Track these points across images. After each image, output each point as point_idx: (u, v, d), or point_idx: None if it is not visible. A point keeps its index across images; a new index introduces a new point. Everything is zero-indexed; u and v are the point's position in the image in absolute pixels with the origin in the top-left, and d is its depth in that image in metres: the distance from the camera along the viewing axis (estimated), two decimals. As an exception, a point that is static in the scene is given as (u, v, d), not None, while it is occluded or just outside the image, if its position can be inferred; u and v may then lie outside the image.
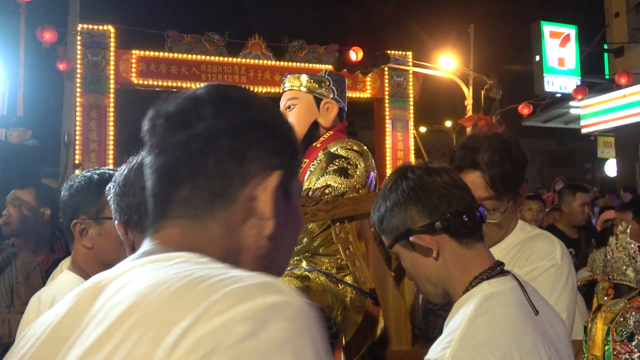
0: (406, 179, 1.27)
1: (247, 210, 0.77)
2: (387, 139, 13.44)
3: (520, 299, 1.21)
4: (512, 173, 1.70)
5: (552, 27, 13.71)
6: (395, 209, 1.26)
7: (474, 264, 1.24)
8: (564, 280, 1.65)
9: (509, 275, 1.25)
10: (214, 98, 0.78)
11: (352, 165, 2.13)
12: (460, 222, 1.23)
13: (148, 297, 0.60)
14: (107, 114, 11.71)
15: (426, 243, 1.23)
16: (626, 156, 13.61)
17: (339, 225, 1.73)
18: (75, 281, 1.59)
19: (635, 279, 2.32)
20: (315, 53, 13.12)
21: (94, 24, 11.68)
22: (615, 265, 2.39)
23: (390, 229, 1.28)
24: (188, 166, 0.76)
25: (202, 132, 0.75)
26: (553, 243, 1.73)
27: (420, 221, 1.23)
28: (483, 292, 1.20)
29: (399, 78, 13.61)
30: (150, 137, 0.80)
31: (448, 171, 1.30)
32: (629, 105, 12.46)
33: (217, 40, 12.55)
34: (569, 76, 13.55)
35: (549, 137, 25.97)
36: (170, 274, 0.63)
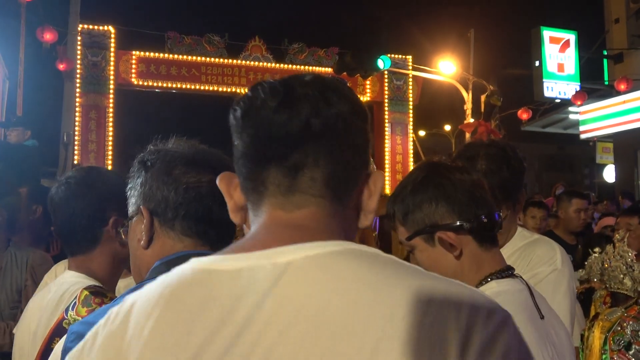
0: (439, 175, 1.29)
1: (358, 200, 0.78)
2: (386, 142, 13.46)
3: (526, 301, 1.24)
4: (510, 180, 1.72)
5: (552, 32, 13.73)
6: (425, 203, 1.27)
7: (488, 266, 1.28)
8: (565, 285, 1.66)
9: (518, 279, 1.29)
10: (338, 84, 0.80)
11: None
12: (484, 225, 1.26)
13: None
14: (107, 114, 11.70)
15: (452, 240, 1.26)
16: (625, 162, 13.62)
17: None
18: (83, 280, 1.55)
19: (633, 288, 2.32)
20: (315, 56, 13.14)
21: (95, 24, 11.68)
22: (612, 273, 2.39)
23: (415, 221, 1.29)
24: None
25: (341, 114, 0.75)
26: (553, 248, 1.73)
27: (448, 219, 1.26)
28: (490, 289, 1.24)
29: (398, 82, 13.63)
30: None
31: (471, 172, 1.32)
32: (628, 111, 12.48)
33: (217, 42, 12.56)
34: (568, 82, 13.57)
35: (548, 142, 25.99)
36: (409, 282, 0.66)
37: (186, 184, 1.14)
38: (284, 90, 0.76)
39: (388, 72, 12.89)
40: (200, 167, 1.16)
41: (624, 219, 3.98)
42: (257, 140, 0.75)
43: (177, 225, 1.14)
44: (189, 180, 1.14)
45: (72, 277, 1.58)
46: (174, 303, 0.70)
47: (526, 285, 1.28)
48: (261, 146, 0.75)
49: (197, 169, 1.15)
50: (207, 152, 1.20)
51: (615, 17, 13.66)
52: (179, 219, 1.13)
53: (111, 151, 11.73)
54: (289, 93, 0.75)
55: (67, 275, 1.60)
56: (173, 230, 1.14)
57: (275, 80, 0.79)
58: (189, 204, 1.13)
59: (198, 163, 1.16)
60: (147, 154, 1.19)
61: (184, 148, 1.20)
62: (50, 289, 1.62)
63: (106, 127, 11.69)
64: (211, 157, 1.20)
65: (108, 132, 11.70)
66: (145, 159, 1.18)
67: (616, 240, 2.47)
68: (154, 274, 1.10)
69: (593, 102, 13.41)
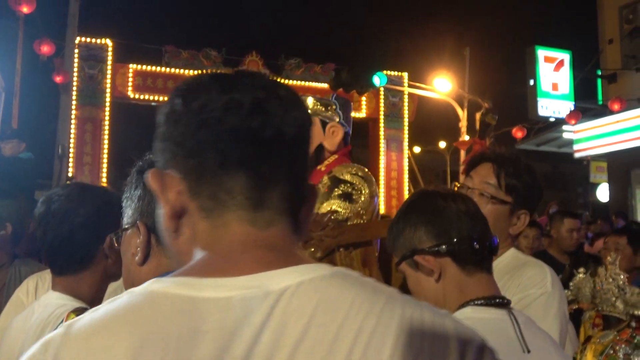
0: (422, 201, 1.33)
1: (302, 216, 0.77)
2: (381, 158, 13.48)
3: (504, 331, 1.20)
4: (520, 176, 1.76)
5: (547, 51, 13.85)
6: (407, 229, 1.30)
7: (471, 291, 1.26)
8: (556, 308, 1.64)
9: (504, 310, 1.25)
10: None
11: (356, 190, 2.13)
12: (466, 249, 1.25)
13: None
14: (102, 127, 11.69)
15: (429, 264, 1.26)
16: (618, 182, 13.69)
17: (343, 251, 1.72)
18: (69, 302, 1.49)
19: (625, 311, 2.31)
20: (312, 71, 13.19)
21: (92, 37, 11.71)
22: (604, 296, 2.39)
23: (400, 247, 1.32)
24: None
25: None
26: (543, 270, 1.72)
27: (427, 242, 1.27)
28: (464, 314, 1.22)
29: (394, 98, 13.69)
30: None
31: (466, 200, 1.33)
32: (622, 131, 12.56)
33: (214, 57, 12.60)
34: (562, 101, 13.67)
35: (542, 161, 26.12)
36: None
37: None
38: (253, 92, 0.71)
39: (384, 88, 12.95)
40: None
41: (612, 239, 4.00)
42: (223, 142, 0.68)
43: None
44: None
45: (57, 298, 1.52)
46: (153, 337, 0.61)
47: (511, 316, 1.24)
48: (229, 149, 0.68)
49: None
50: None
51: (609, 37, 13.80)
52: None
53: (106, 164, 11.69)
54: (260, 96, 0.70)
55: (52, 297, 1.54)
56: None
57: (236, 77, 0.73)
58: None
59: None
60: (146, 164, 1.14)
61: None
62: (33, 310, 1.55)
63: (101, 139, 11.67)
64: None
65: (103, 144, 11.67)
66: (144, 169, 1.11)
67: (608, 263, 2.47)
68: None
69: (587, 121, 13.50)
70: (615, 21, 13.66)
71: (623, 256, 3.79)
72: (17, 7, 8.39)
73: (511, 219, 1.76)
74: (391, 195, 13.40)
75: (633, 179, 13.39)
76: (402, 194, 13.37)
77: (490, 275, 1.31)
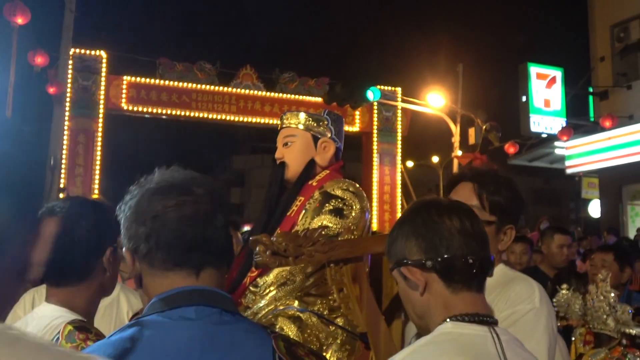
0: (418, 213, 1.32)
1: None
2: (374, 172, 13.51)
3: (485, 348, 1.20)
4: (501, 193, 1.76)
5: (539, 68, 13.97)
6: (399, 238, 1.31)
7: (455, 308, 1.25)
8: (544, 324, 1.64)
9: (485, 327, 1.24)
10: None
11: (347, 206, 2.12)
12: (453, 267, 1.25)
13: None
14: (95, 138, 11.66)
15: (414, 277, 1.27)
16: (610, 198, 13.77)
17: (334, 267, 1.71)
18: (64, 314, 1.49)
19: (616, 329, 2.31)
20: (306, 85, 13.24)
21: (87, 48, 11.72)
22: (596, 314, 2.39)
23: (393, 254, 1.34)
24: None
25: None
26: (531, 286, 1.72)
27: (415, 255, 1.27)
28: (444, 329, 1.23)
29: (387, 113, 13.76)
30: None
31: (463, 216, 1.30)
32: (613, 147, 12.66)
33: (208, 69, 12.62)
34: (554, 117, 13.77)
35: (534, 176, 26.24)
36: None
37: (153, 213, 1.11)
38: None
39: (377, 103, 13.01)
40: (167, 193, 1.13)
41: (599, 255, 4.00)
42: None
43: (155, 260, 1.12)
44: (155, 208, 1.12)
45: (52, 311, 1.51)
46: None
47: (492, 333, 1.23)
48: None
49: (163, 195, 1.13)
50: (177, 177, 1.17)
51: (601, 55, 13.95)
52: (154, 253, 1.11)
53: (98, 176, 11.65)
54: None
55: (47, 309, 1.53)
56: (154, 268, 1.13)
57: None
58: (158, 233, 1.11)
59: (164, 189, 1.14)
60: (129, 192, 1.18)
61: (156, 175, 1.18)
62: (27, 322, 1.54)
63: (94, 151, 11.63)
64: (181, 180, 1.16)
65: (96, 156, 11.64)
66: (122, 203, 1.18)
67: (599, 280, 2.48)
68: (150, 310, 1.10)
69: (579, 137, 13.60)
70: (606, 39, 13.82)
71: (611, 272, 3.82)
72: (12, 18, 8.41)
73: (498, 236, 1.77)
74: (384, 209, 13.41)
75: (624, 195, 13.48)
76: (395, 208, 13.38)
77: (479, 294, 1.29)
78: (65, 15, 10.99)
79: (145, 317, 1.10)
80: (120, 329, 1.10)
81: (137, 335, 1.05)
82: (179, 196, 1.12)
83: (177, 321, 1.07)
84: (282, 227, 2.16)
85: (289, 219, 2.18)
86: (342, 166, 2.42)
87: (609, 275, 2.59)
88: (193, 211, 1.12)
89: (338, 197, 2.14)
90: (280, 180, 2.31)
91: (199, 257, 1.12)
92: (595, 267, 3.87)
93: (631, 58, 13.61)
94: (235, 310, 1.14)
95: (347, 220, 2.09)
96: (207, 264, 1.13)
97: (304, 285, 2.09)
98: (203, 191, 1.15)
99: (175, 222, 1.11)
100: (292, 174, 2.30)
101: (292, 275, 2.07)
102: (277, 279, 2.09)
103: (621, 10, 13.31)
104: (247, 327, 1.12)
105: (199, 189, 1.15)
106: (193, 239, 1.11)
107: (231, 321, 1.10)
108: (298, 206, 2.19)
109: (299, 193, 2.24)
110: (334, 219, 2.08)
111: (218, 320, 1.09)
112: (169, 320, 1.07)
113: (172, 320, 1.07)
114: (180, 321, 1.07)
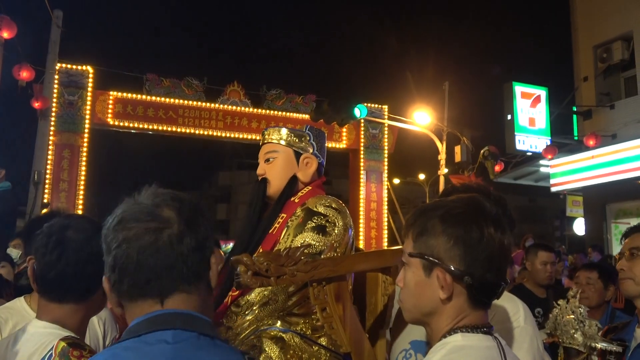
0: (474, 221, 1.24)
1: None
2: (361, 189, 13.51)
3: (493, 358, 1.21)
4: None
5: (524, 88, 14.12)
6: (443, 236, 1.24)
7: (467, 320, 1.25)
8: (528, 342, 1.63)
9: (491, 337, 1.25)
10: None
11: (330, 223, 2.10)
12: (486, 290, 1.24)
13: None
14: (80, 153, 11.55)
15: (446, 283, 1.23)
16: (594, 216, 13.87)
17: (317, 286, 1.69)
18: (56, 331, 1.47)
19: (584, 343, 2.32)
20: (293, 102, 13.26)
21: (73, 63, 11.66)
22: (564, 328, 2.40)
23: (426, 245, 1.26)
24: None
25: None
26: (516, 305, 1.72)
27: (454, 262, 1.22)
28: (455, 342, 1.21)
29: (374, 130, 13.80)
30: None
31: (506, 232, 1.27)
32: (597, 166, 12.79)
33: (195, 86, 12.61)
34: (539, 136, 13.89)
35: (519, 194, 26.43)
36: None
37: (116, 243, 1.11)
38: None
39: (364, 120, 13.06)
40: (129, 222, 1.12)
41: (583, 273, 4.02)
42: None
43: (123, 291, 1.12)
44: (117, 237, 1.11)
45: (44, 327, 1.49)
46: None
47: (498, 344, 1.25)
48: None
49: (124, 225, 1.12)
50: (147, 202, 1.16)
51: (584, 75, 14.15)
52: (120, 284, 1.11)
53: (83, 191, 11.53)
54: None
55: (39, 325, 1.51)
56: (124, 298, 1.13)
57: None
58: (121, 264, 1.10)
59: (127, 218, 1.13)
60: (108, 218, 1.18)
61: (126, 205, 1.16)
62: (17, 338, 1.52)
63: (79, 166, 11.52)
64: (143, 206, 1.15)
65: (81, 171, 11.52)
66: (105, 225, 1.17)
67: (569, 296, 2.49)
68: (128, 335, 1.09)
69: (563, 156, 13.73)
70: (590, 59, 14.03)
71: (594, 290, 3.83)
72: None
73: None
74: (370, 226, 13.40)
75: (608, 213, 13.59)
76: (381, 225, 13.38)
77: (487, 312, 1.30)
78: (52, 29, 10.97)
79: (122, 342, 1.08)
80: (95, 356, 1.11)
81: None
82: (140, 224, 1.11)
83: (153, 345, 1.05)
84: (264, 245, 2.13)
85: (271, 237, 2.15)
86: (325, 182, 2.40)
87: (579, 292, 2.60)
88: (152, 240, 1.10)
89: (320, 214, 2.11)
90: (262, 196, 2.28)
91: (159, 286, 1.11)
92: (580, 285, 3.88)
93: (614, 78, 13.83)
94: (214, 334, 1.12)
95: (330, 237, 2.07)
96: (173, 290, 1.11)
97: (287, 305, 2.06)
98: (171, 214, 1.13)
99: (134, 253, 1.10)
100: (274, 191, 2.28)
101: (274, 294, 2.04)
102: (259, 298, 2.05)
103: (604, 32, 13.54)
104: (223, 352, 1.10)
105: (166, 213, 1.13)
106: (152, 269, 1.10)
107: (208, 345, 1.08)
108: (280, 223, 2.17)
109: (281, 210, 2.22)
110: (316, 236, 2.06)
111: (196, 344, 1.07)
112: (144, 345, 1.06)
113: (148, 345, 1.05)
114: (157, 345, 1.05)
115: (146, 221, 1.11)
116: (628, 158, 12.08)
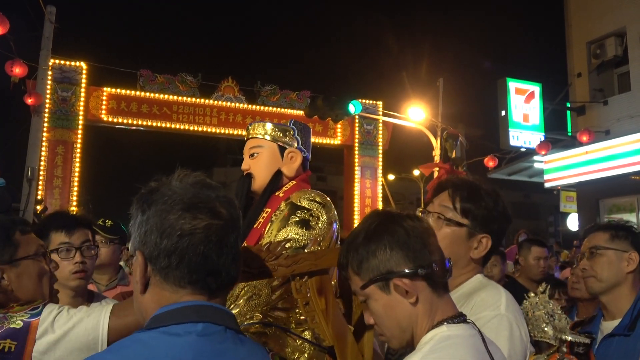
0: (392, 222, 1.31)
1: None
2: (355, 185, 13.53)
3: (477, 347, 1.25)
4: (474, 200, 1.78)
5: (518, 84, 14.14)
6: (379, 251, 1.29)
7: (440, 312, 1.29)
8: (508, 331, 1.61)
9: (470, 324, 1.30)
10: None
11: (314, 217, 2.11)
12: (437, 271, 1.28)
13: None
14: (74, 150, 11.54)
15: (408, 287, 1.27)
16: (587, 211, 13.92)
17: (299, 280, 1.70)
18: None
19: (554, 336, 2.35)
20: (288, 98, 13.26)
21: (67, 59, 11.62)
22: (535, 323, 2.43)
23: (369, 269, 1.30)
24: None
25: None
26: (498, 293, 1.71)
27: (404, 265, 1.27)
28: (441, 333, 1.25)
29: (369, 126, 13.82)
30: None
31: (421, 219, 1.36)
32: (590, 162, 12.84)
33: (190, 82, 12.59)
34: (533, 131, 13.92)
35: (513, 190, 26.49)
36: None
37: (180, 231, 1.08)
38: None
39: (359, 116, 13.07)
40: (196, 212, 1.10)
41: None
42: None
43: (171, 275, 1.09)
44: (184, 226, 1.09)
45: None
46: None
47: (478, 331, 1.30)
48: None
49: (193, 214, 1.10)
50: (206, 194, 1.14)
51: (578, 71, 14.18)
52: (172, 269, 1.09)
53: (77, 187, 11.52)
54: None
55: None
56: (167, 282, 1.10)
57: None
58: (183, 252, 1.08)
59: (194, 207, 1.10)
60: (146, 192, 1.15)
61: (184, 186, 1.13)
62: None
63: (73, 162, 11.51)
64: (209, 199, 1.13)
65: (74, 167, 11.51)
66: (143, 199, 1.14)
67: (539, 292, 2.52)
68: (156, 324, 1.07)
69: (557, 152, 13.77)
70: (583, 56, 14.06)
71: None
72: (-10, 28, 8.30)
73: (470, 243, 1.77)
74: (365, 222, 13.44)
75: (601, 208, 13.64)
76: (375, 221, 13.41)
77: (449, 294, 1.36)
78: (45, 25, 10.91)
79: (149, 330, 1.07)
80: (120, 342, 1.08)
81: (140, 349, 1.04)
82: (209, 219, 1.10)
83: (181, 337, 1.05)
84: (248, 239, 2.14)
85: (256, 231, 2.16)
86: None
87: (548, 287, 2.64)
88: (219, 237, 1.11)
89: (304, 209, 2.12)
90: (247, 191, 2.29)
91: (215, 282, 1.12)
92: (576, 276, 3.89)
93: (607, 74, 13.87)
94: (238, 328, 1.14)
95: (313, 231, 2.07)
96: (221, 289, 1.14)
97: (270, 299, 2.06)
98: (227, 214, 1.14)
99: (202, 245, 1.09)
100: (258, 185, 2.29)
101: (257, 289, 2.05)
102: (242, 293, 2.06)
103: (597, 28, 13.56)
104: (249, 347, 1.13)
105: (224, 211, 1.13)
106: (215, 265, 1.10)
107: (234, 340, 1.10)
108: (264, 218, 2.18)
109: (266, 204, 2.23)
110: (300, 230, 2.07)
111: (223, 338, 1.08)
112: (172, 337, 1.05)
113: (177, 336, 1.05)
114: (185, 336, 1.05)
115: (213, 217, 1.11)
116: (621, 154, 12.13)
